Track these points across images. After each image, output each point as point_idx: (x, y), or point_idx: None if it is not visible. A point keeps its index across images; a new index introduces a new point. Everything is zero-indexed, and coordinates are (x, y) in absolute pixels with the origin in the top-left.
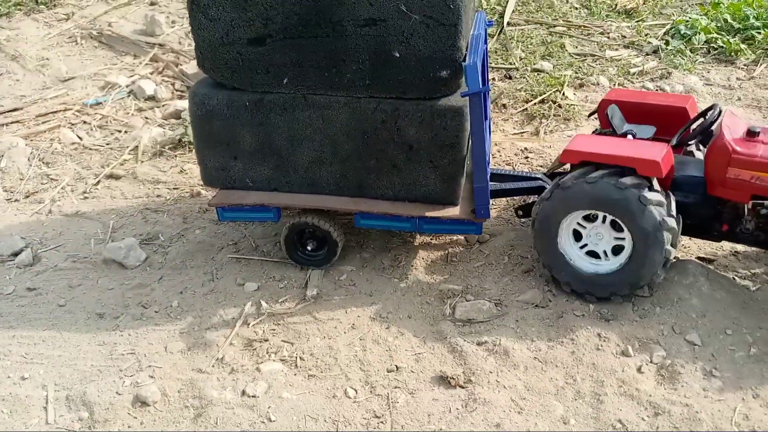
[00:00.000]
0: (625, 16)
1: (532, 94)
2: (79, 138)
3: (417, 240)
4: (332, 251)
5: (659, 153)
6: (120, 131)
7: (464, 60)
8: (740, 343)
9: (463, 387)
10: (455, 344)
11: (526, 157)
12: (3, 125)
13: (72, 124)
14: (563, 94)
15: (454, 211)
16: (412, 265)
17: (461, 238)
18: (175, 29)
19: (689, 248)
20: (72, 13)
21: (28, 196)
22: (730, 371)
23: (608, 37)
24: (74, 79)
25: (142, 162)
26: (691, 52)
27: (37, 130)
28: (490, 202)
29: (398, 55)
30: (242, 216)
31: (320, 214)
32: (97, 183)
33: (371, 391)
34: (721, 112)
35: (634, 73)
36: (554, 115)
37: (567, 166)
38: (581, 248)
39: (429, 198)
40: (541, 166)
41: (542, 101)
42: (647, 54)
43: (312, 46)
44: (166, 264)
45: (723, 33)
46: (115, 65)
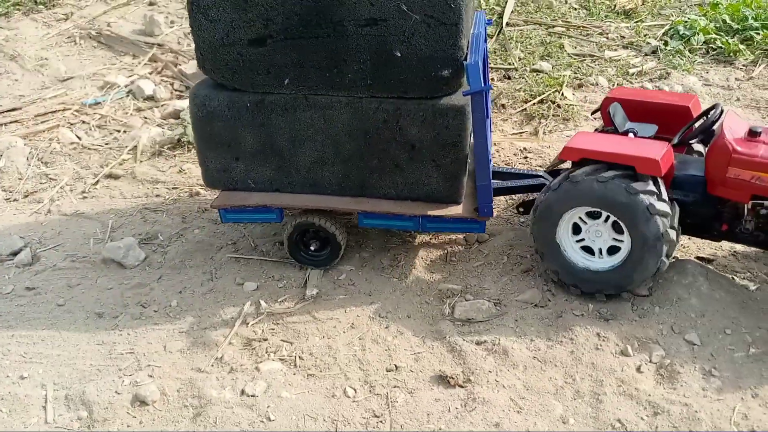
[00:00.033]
0: (624, 16)
1: (531, 95)
2: (78, 138)
3: (416, 239)
4: (335, 252)
5: (659, 151)
6: (119, 131)
7: (465, 59)
8: (739, 343)
9: (462, 386)
10: (454, 344)
11: (525, 157)
12: (2, 125)
13: (71, 124)
14: (562, 94)
15: (457, 210)
16: (411, 265)
17: (460, 237)
18: (174, 29)
19: (688, 248)
20: (71, 13)
21: (27, 196)
22: (729, 371)
23: (607, 38)
24: (73, 79)
25: (141, 162)
26: (689, 52)
27: (36, 130)
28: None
29: (399, 54)
30: (245, 217)
31: (325, 215)
32: (96, 183)
33: (370, 391)
34: (723, 111)
35: (632, 74)
36: (553, 116)
37: (568, 164)
38: (577, 242)
39: (432, 197)
40: (540, 166)
41: (541, 101)
42: (646, 54)
43: (313, 46)
44: (165, 263)
45: (722, 33)
46: (114, 65)
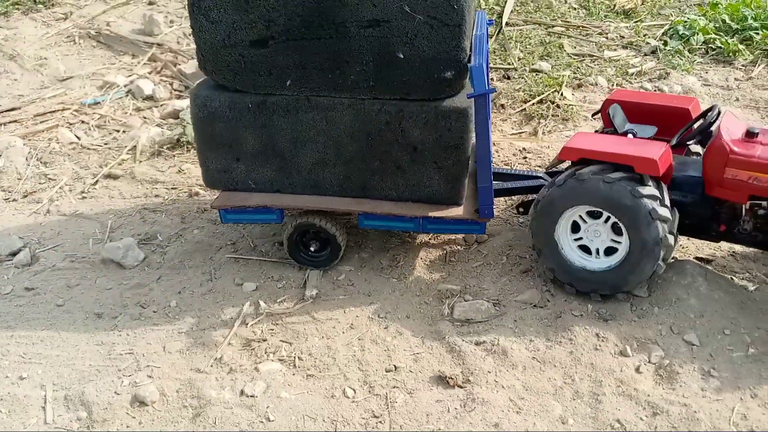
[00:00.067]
0: (623, 16)
1: (531, 95)
2: (77, 138)
3: (415, 240)
4: (335, 253)
5: (657, 152)
6: (118, 131)
7: (469, 61)
8: (738, 343)
9: (461, 387)
10: (454, 344)
11: (525, 158)
12: (1, 125)
13: (70, 124)
14: (561, 94)
15: (457, 211)
16: (410, 265)
17: (459, 238)
18: (174, 29)
19: (687, 248)
20: (70, 13)
21: (26, 196)
22: (728, 371)
23: (607, 38)
24: (72, 79)
25: (140, 162)
26: (689, 52)
27: (35, 130)
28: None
29: (402, 56)
30: (245, 218)
31: (326, 216)
32: (96, 183)
33: (370, 391)
34: (721, 112)
35: (632, 74)
36: (552, 116)
37: (567, 164)
38: (575, 240)
39: (433, 198)
40: (539, 166)
41: (540, 101)
42: (645, 54)
43: (315, 47)
44: (165, 264)
45: (721, 33)
46: (113, 65)
